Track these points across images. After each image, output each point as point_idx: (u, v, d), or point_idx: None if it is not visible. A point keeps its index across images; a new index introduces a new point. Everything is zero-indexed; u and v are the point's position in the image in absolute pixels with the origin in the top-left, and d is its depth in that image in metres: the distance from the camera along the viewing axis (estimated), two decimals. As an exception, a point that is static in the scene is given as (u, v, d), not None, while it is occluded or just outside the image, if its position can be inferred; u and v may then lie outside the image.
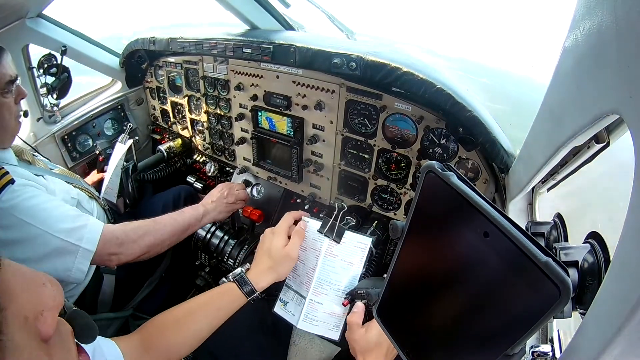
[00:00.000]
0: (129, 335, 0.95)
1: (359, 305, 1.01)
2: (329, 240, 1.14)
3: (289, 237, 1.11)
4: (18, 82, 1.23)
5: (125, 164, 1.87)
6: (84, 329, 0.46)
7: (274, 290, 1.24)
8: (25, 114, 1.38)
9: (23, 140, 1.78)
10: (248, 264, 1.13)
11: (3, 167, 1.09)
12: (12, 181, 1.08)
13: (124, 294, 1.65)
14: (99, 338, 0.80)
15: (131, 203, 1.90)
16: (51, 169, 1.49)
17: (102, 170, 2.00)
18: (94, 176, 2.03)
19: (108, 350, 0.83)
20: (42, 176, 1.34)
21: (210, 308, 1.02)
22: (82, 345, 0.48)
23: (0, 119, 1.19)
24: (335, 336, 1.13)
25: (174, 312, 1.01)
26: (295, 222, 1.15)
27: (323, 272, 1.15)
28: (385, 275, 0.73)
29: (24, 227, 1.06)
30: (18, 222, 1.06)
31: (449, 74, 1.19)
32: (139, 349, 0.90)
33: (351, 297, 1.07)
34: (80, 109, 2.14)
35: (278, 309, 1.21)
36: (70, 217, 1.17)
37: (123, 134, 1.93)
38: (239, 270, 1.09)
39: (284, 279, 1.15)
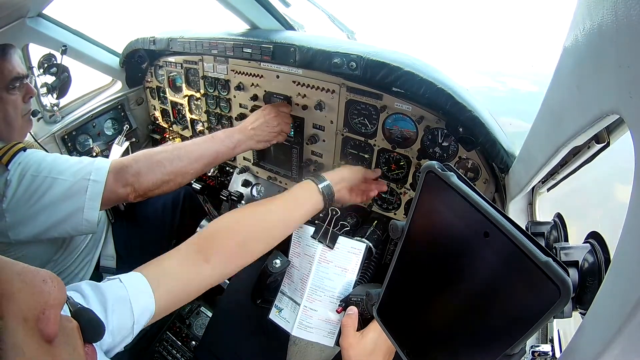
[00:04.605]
0: (176, 250, 0.90)
1: (353, 309, 0.98)
2: (322, 246, 1.14)
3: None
4: (27, 80, 1.23)
5: None
6: (89, 327, 0.43)
7: (269, 297, 1.23)
8: (34, 114, 1.37)
9: (34, 138, 1.78)
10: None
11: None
12: (24, 149, 1.09)
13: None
14: (130, 285, 0.79)
15: (128, 204, 1.89)
16: None
17: None
18: None
19: (130, 282, 0.79)
20: None
21: (291, 214, 1.05)
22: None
23: (5, 116, 1.20)
24: (330, 343, 1.12)
25: (253, 209, 1.01)
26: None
27: (317, 278, 1.14)
28: (382, 282, 0.73)
29: (35, 181, 1.05)
30: (30, 178, 1.06)
31: (449, 74, 1.19)
32: (192, 259, 0.87)
33: (345, 304, 1.05)
34: (81, 108, 2.14)
35: (273, 315, 1.20)
36: (77, 160, 1.14)
37: (120, 136, 1.92)
38: (327, 182, 1.12)
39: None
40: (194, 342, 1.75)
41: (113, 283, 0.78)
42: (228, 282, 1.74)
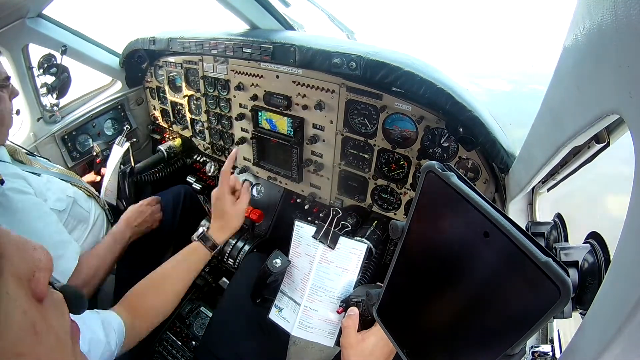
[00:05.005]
0: (115, 306, 1.07)
1: (354, 309, 0.98)
2: (323, 246, 1.13)
3: (234, 192, 1.33)
4: (10, 82, 1.28)
5: (122, 167, 1.87)
6: (74, 299, 0.48)
7: (269, 296, 1.23)
8: (17, 112, 1.41)
9: (19, 146, 1.79)
10: (208, 222, 1.36)
11: None
12: (1, 182, 1.08)
13: (124, 293, 1.65)
14: (102, 311, 0.98)
15: (128, 205, 1.89)
16: (48, 169, 1.50)
17: (99, 172, 2.00)
18: (89, 177, 2.03)
19: (113, 320, 0.98)
20: (37, 174, 1.34)
21: (182, 268, 1.19)
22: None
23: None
24: (330, 343, 1.12)
25: (152, 278, 1.14)
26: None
27: (318, 278, 1.14)
28: (382, 282, 0.73)
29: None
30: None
31: (450, 74, 1.19)
32: (128, 316, 1.04)
33: (346, 305, 1.05)
34: (80, 108, 2.14)
35: (273, 315, 1.20)
36: (51, 244, 1.17)
37: (120, 136, 1.92)
38: (201, 230, 1.29)
39: (281, 283, 1.18)
40: (194, 342, 1.75)
41: (87, 311, 0.93)
42: (228, 282, 1.74)
